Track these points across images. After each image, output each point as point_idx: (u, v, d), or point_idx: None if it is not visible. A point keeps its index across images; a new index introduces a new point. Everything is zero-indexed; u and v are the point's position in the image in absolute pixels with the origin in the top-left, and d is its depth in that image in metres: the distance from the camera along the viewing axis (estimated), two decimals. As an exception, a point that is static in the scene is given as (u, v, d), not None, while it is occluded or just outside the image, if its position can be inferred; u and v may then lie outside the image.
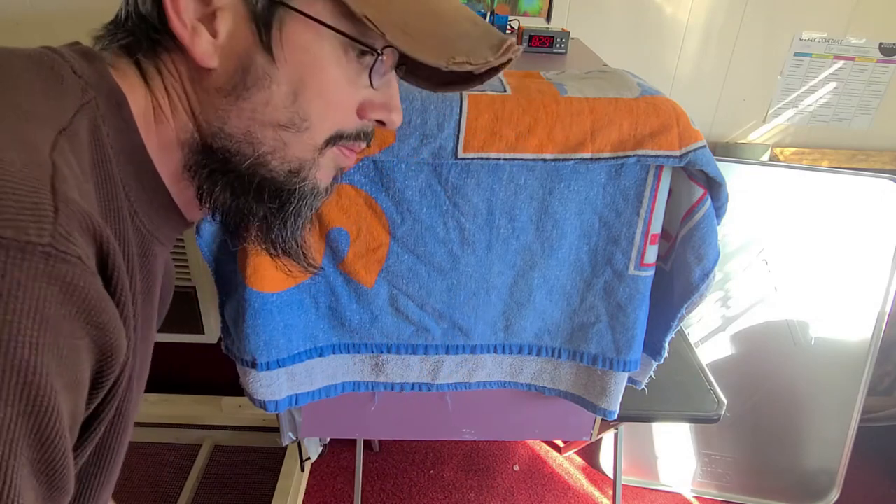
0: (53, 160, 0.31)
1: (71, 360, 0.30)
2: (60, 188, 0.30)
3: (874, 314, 1.40)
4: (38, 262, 0.28)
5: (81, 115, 0.36)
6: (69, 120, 0.35)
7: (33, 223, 0.28)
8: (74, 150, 0.34)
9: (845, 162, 1.48)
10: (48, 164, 0.31)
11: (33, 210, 0.28)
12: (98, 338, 0.32)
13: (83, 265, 0.30)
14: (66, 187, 0.31)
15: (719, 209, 0.71)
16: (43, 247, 0.28)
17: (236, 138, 0.43)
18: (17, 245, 0.27)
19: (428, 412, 0.95)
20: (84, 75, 0.39)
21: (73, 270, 0.29)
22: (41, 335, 0.28)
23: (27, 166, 0.30)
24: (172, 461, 1.62)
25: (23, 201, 0.28)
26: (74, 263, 0.29)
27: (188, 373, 1.64)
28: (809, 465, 1.54)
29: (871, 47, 1.39)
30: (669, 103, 0.67)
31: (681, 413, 1.05)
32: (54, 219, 0.29)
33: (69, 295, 0.29)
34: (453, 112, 0.66)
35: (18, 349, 0.27)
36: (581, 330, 0.82)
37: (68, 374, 0.30)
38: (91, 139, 0.37)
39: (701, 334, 1.50)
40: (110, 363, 0.34)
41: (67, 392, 0.30)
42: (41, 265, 0.28)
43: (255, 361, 0.77)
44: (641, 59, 1.39)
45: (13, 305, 0.27)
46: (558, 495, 1.61)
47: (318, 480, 1.61)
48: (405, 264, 0.76)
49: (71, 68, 0.38)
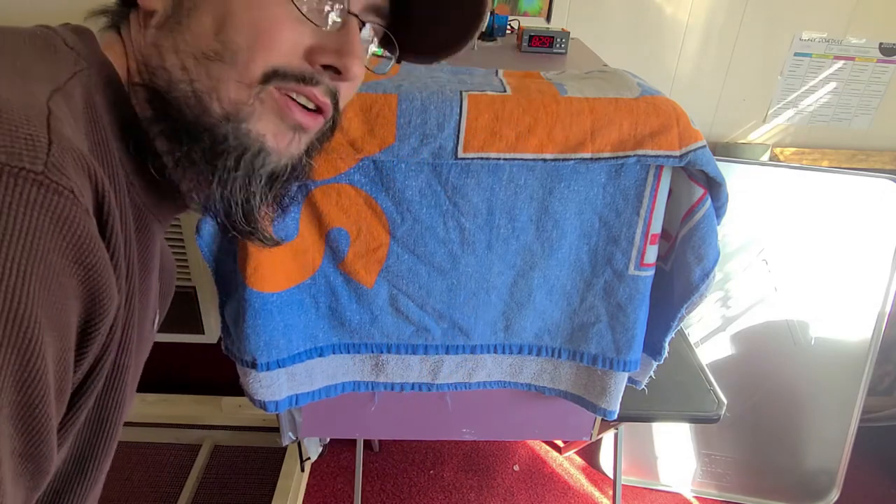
0: (49, 107, 0.31)
1: (58, 299, 0.29)
2: (55, 126, 0.30)
3: (874, 314, 1.40)
4: (31, 190, 0.27)
5: (76, 81, 0.36)
6: (64, 82, 0.35)
7: (28, 152, 0.27)
8: (70, 109, 0.34)
9: (845, 162, 1.48)
10: (44, 108, 0.31)
11: (28, 140, 0.28)
12: (86, 280, 0.31)
13: (76, 200, 0.29)
14: (61, 126, 0.30)
15: (719, 209, 0.71)
16: (36, 174, 0.27)
17: (174, 75, 0.41)
18: (10, 170, 0.26)
19: (428, 412, 0.95)
20: (76, 48, 0.39)
21: (65, 204, 0.28)
22: (30, 265, 0.27)
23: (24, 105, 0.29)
24: (172, 461, 1.62)
25: (18, 132, 0.28)
26: (67, 196, 0.28)
27: (188, 373, 1.64)
28: (809, 465, 1.54)
29: (871, 47, 1.39)
30: (669, 103, 0.67)
31: (681, 413, 1.05)
32: (48, 150, 0.28)
33: (60, 229, 0.28)
34: (453, 112, 0.66)
35: (7, 276, 0.26)
36: (581, 330, 0.82)
37: (55, 313, 0.29)
38: (85, 104, 0.37)
39: (701, 334, 1.50)
40: (99, 312, 0.33)
41: (52, 331, 0.29)
42: (33, 194, 0.27)
43: (255, 361, 0.77)
44: (641, 59, 1.39)
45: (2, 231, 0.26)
46: (558, 495, 1.61)
47: (318, 480, 1.61)
48: (405, 264, 0.76)
49: (63, 41, 0.39)
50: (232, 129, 0.41)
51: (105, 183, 0.32)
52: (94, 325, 0.33)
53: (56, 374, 0.30)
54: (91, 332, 0.33)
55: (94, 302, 0.32)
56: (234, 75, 0.40)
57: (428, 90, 0.66)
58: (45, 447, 0.30)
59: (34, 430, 0.29)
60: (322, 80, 0.43)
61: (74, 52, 0.39)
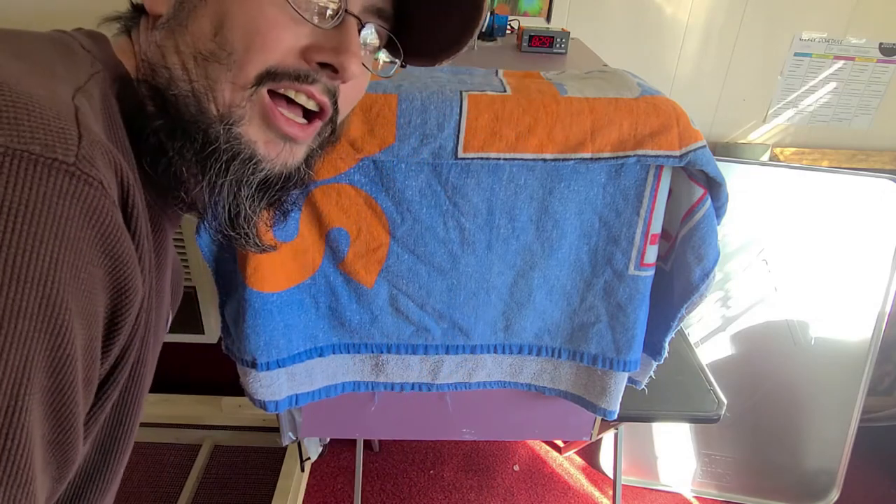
0: (75, 104, 0.32)
1: (87, 287, 0.30)
2: (83, 121, 0.31)
3: (874, 314, 1.40)
4: (63, 180, 0.28)
5: (94, 83, 0.38)
6: (84, 82, 0.36)
7: (60, 144, 0.28)
8: (91, 108, 0.35)
9: (845, 162, 1.48)
10: (70, 104, 0.32)
11: (60, 133, 0.29)
12: (113, 270, 0.31)
13: (105, 192, 0.30)
14: (89, 121, 0.32)
15: (719, 209, 0.71)
16: (68, 166, 0.28)
17: (175, 74, 0.41)
18: (44, 161, 0.27)
19: (428, 412, 0.95)
20: (91, 51, 0.40)
21: (95, 194, 0.29)
22: (62, 253, 0.28)
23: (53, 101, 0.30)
24: (172, 461, 1.62)
25: (50, 125, 0.29)
26: (97, 188, 0.29)
27: (188, 373, 1.64)
28: (809, 465, 1.54)
29: (871, 47, 1.39)
30: (669, 103, 0.67)
31: (681, 413, 1.05)
32: (78, 143, 0.29)
33: (90, 219, 0.29)
34: (453, 112, 0.66)
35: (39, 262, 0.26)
36: (581, 330, 0.82)
37: (84, 301, 0.29)
38: (102, 106, 0.38)
39: (701, 334, 1.50)
40: (125, 302, 0.33)
41: (81, 318, 0.29)
42: (65, 184, 0.28)
43: (255, 361, 0.77)
44: (641, 59, 1.39)
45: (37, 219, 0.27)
46: (558, 495, 1.61)
47: (318, 480, 1.61)
48: (405, 264, 0.76)
49: (80, 44, 0.40)
50: (224, 130, 0.41)
51: (130, 177, 0.33)
52: (121, 316, 0.34)
53: (84, 363, 0.31)
54: (118, 322, 0.34)
55: (120, 293, 0.33)
56: (230, 76, 0.41)
57: (428, 90, 0.66)
58: (72, 435, 0.31)
59: (63, 417, 0.30)
60: (319, 78, 0.43)
61: (90, 55, 0.40)
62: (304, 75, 0.42)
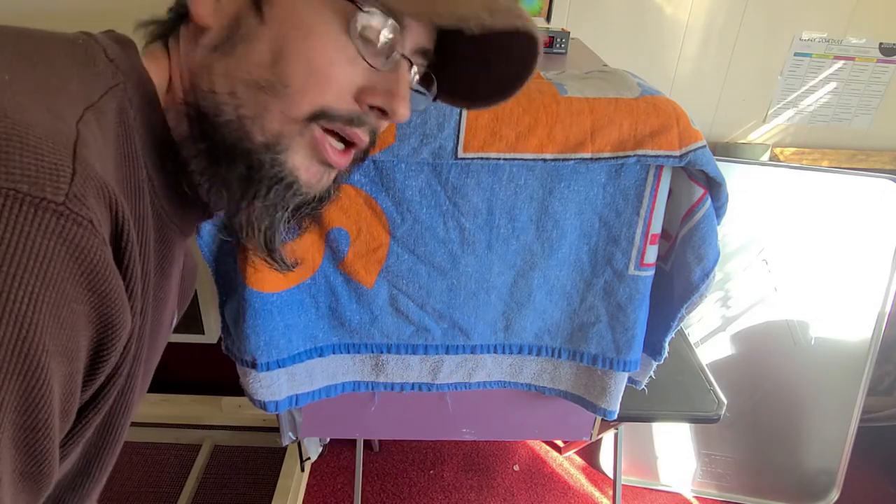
0: (79, 129, 0.32)
1: (68, 325, 0.30)
2: (81, 153, 0.31)
3: (874, 314, 1.40)
4: (50, 219, 0.28)
5: (110, 97, 0.37)
6: (98, 98, 0.36)
7: (50, 182, 0.28)
8: (100, 127, 0.35)
9: (845, 162, 1.48)
10: (73, 131, 0.32)
11: (52, 170, 0.28)
12: (99, 307, 0.32)
13: (94, 230, 0.30)
14: (88, 153, 0.31)
15: (719, 209, 0.71)
16: (57, 205, 0.28)
17: (221, 97, 0.41)
18: (32, 200, 0.27)
19: (428, 412, 0.95)
20: (116, 59, 0.40)
21: (82, 233, 0.29)
22: (42, 292, 0.28)
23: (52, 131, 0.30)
24: (172, 461, 1.62)
25: (43, 160, 0.28)
26: (85, 227, 0.29)
27: (188, 373, 1.64)
28: (809, 465, 1.54)
29: (871, 47, 1.39)
30: (669, 103, 0.67)
31: (681, 413, 1.05)
32: (71, 180, 0.29)
33: (75, 257, 0.29)
34: (453, 112, 0.66)
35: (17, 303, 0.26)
36: (581, 330, 0.82)
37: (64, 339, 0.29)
38: (117, 120, 0.37)
39: (701, 334, 1.50)
40: (111, 337, 0.33)
41: (61, 356, 0.30)
42: (52, 223, 0.28)
43: (255, 362, 0.77)
44: (641, 59, 1.39)
45: (18, 259, 0.26)
46: (558, 495, 1.61)
47: (318, 480, 1.61)
48: (405, 264, 0.76)
49: (104, 52, 0.39)
50: (269, 158, 0.42)
51: (125, 211, 0.33)
52: (107, 349, 0.34)
53: (62, 397, 0.31)
54: (104, 354, 0.34)
55: (106, 326, 0.33)
56: (282, 107, 0.41)
57: (428, 90, 0.66)
58: (46, 467, 0.31)
59: (36, 452, 0.30)
60: (368, 119, 0.44)
61: (113, 64, 0.39)
62: (355, 119, 0.43)
